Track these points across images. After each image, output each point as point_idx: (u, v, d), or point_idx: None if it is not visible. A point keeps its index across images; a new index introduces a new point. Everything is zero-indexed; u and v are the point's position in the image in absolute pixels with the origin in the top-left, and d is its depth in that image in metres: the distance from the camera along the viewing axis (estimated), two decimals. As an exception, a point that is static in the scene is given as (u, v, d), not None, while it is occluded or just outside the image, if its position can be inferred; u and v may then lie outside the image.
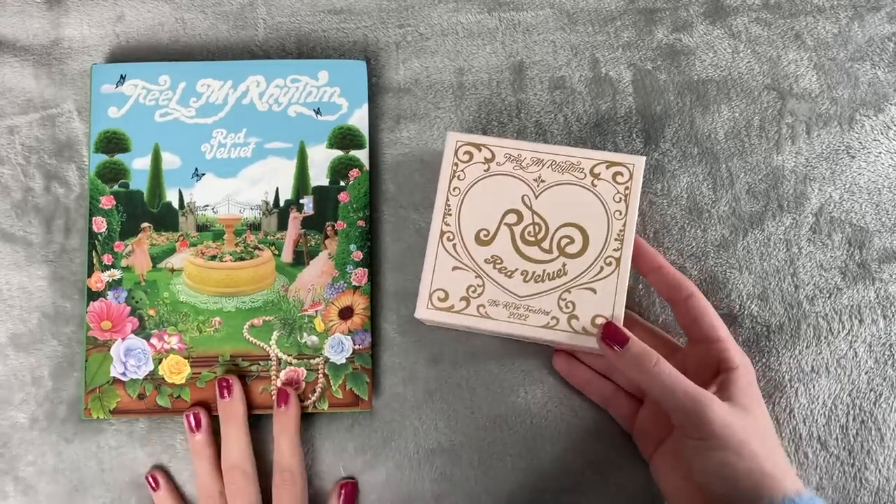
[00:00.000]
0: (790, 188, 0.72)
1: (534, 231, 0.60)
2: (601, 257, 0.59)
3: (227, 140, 0.71)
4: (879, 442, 0.67)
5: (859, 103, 0.74)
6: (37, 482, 0.67)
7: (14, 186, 0.72)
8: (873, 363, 0.68)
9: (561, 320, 0.58)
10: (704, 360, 0.62)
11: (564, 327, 0.58)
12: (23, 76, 0.75)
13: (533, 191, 0.61)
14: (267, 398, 0.67)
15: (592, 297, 0.59)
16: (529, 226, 0.60)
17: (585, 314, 0.58)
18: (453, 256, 0.60)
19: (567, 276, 0.59)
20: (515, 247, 0.60)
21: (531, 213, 0.61)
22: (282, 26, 0.76)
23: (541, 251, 0.60)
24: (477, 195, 0.62)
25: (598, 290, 0.59)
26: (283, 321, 0.68)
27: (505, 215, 0.61)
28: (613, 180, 0.61)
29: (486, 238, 0.61)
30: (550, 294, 0.59)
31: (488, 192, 0.62)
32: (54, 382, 0.69)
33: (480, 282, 0.60)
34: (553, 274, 0.59)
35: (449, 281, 0.60)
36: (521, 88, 0.74)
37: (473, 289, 0.60)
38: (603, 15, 0.76)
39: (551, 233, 0.60)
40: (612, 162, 0.61)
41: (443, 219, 0.61)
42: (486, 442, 0.68)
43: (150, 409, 0.67)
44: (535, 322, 0.59)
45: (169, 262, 0.69)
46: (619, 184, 0.61)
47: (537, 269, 0.60)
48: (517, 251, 0.60)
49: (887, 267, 0.70)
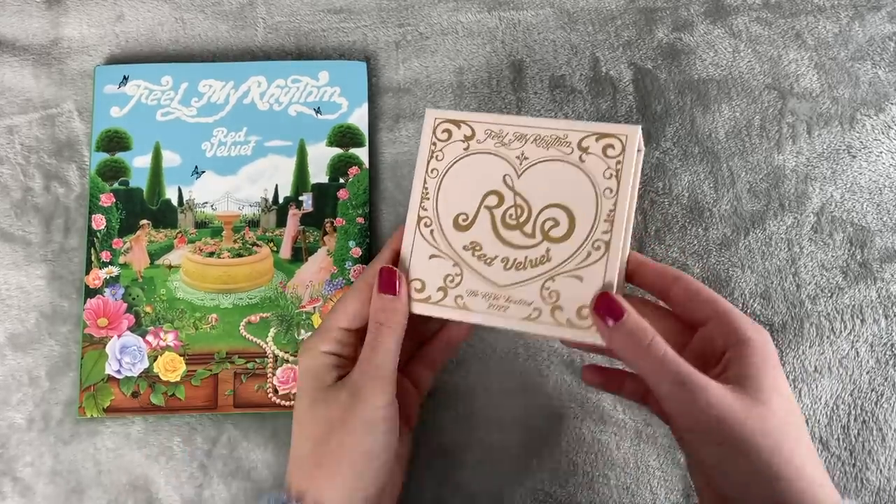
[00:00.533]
0: (791, 187, 0.72)
1: (516, 214, 0.54)
2: (588, 241, 0.53)
3: (228, 138, 0.72)
4: (881, 442, 0.66)
5: (860, 103, 0.74)
6: (35, 483, 0.67)
7: (13, 186, 0.72)
8: (875, 363, 0.68)
9: (543, 312, 0.52)
10: (715, 343, 0.54)
11: (546, 319, 0.52)
12: (22, 76, 0.75)
13: (515, 169, 0.55)
14: (263, 396, 0.67)
15: (578, 286, 0.52)
16: (511, 208, 0.54)
17: (570, 305, 0.52)
18: (430, 244, 0.55)
19: (551, 263, 0.53)
20: (496, 231, 0.55)
21: (513, 194, 0.55)
22: (281, 26, 0.76)
23: (523, 236, 0.54)
24: (456, 177, 0.56)
25: (584, 277, 0.52)
26: (280, 318, 0.68)
27: (485, 198, 0.55)
28: (604, 154, 0.54)
29: (465, 223, 0.55)
30: (532, 283, 0.53)
31: (468, 172, 0.56)
32: (51, 383, 0.68)
33: (458, 270, 0.54)
34: (536, 261, 0.53)
35: (426, 270, 0.55)
36: (521, 87, 0.74)
37: (451, 278, 0.54)
38: (603, 14, 0.76)
39: (534, 215, 0.54)
40: (602, 133, 0.54)
41: (420, 203, 0.56)
42: (485, 442, 0.67)
43: (143, 408, 0.66)
44: (516, 314, 0.53)
45: (167, 258, 0.69)
46: (610, 158, 0.53)
47: (519, 255, 0.54)
48: (497, 236, 0.54)
49: (889, 266, 0.70)
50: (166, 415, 0.67)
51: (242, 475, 0.67)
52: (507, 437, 0.67)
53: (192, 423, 0.68)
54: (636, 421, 0.67)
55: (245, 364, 0.67)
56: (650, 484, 0.66)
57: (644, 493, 0.66)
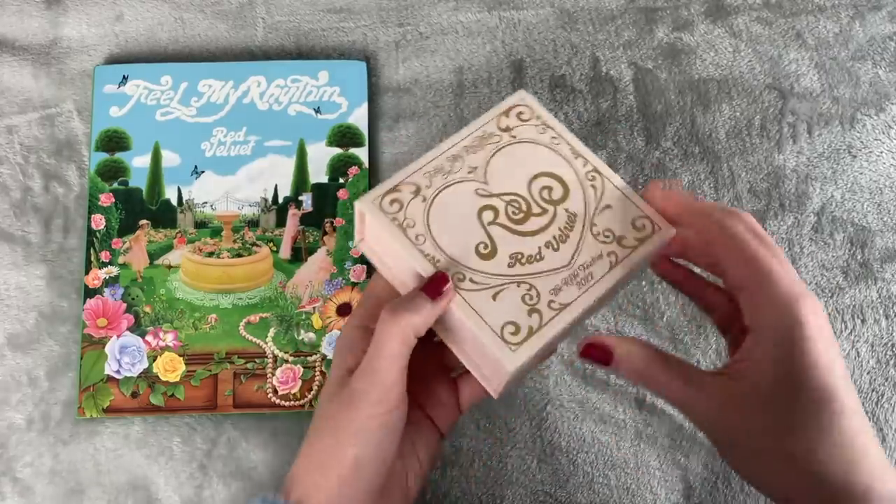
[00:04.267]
0: (792, 187, 0.72)
1: (516, 208, 0.54)
2: (583, 180, 0.55)
3: (227, 138, 0.72)
4: (881, 442, 0.66)
5: (860, 102, 0.74)
6: (34, 483, 0.67)
7: (13, 186, 0.72)
8: (875, 363, 0.68)
9: (616, 250, 0.53)
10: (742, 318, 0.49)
11: (624, 253, 0.53)
12: (22, 76, 0.75)
13: (477, 181, 0.55)
14: (263, 396, 0.67)
15: (612, 214, 0.54)
16: (507, 207, 0.54)
17: (625, 228, 0.53)
18: (481, 289, 0.52)
19: (578, 217, 0.54)
20: (516, 233, 0.53)
21: (496, 197, 0.54)
22: (281, 25, 0.76)
23: (537, 218, 0.54)
24: (440, 224, 0.53)
25: (611, 204, 0.54)
26: (279, 318, 0.68)
27: (480, 216, 0.54)
28: (522, 120, 0.56)
29: (487, 251, 0.53)
30: (584, 241, 0.53)
31: (445, 213, 0.54)
32: (51, 383, 0.68)
33: (527, 285, 0.52)
34: (567, 225, 0.53)
35: (501, 311, 0.51)
36: (521, 87, 0.74)
37: (528, 297, 0.51)
38: (603, 14, 0.76)
39: (528, 198, 0.54)
40: (505, 109, 0.56)
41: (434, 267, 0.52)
42: (485, 442, 0.67)
43: (142, 409, 0.66)
44: (601, 270, 0.52)
45: (166, 258, 0.69)
46: (528, 119, 0.56)
47: (551, 232, 0.53)
48: (522, 235, 0.53)
49: (889, 266, 0.70)
50: (166, 415, 0.67)
51: (242, 475, 0.66)
52: (507, 437, 0.67)
53: (192, 423, 0.68)
54: (636, 421, 0.67)
55: (245, 364, 0.67)
56: (650, 484, 0.66)
57: (644, 493, 0.66)
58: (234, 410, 0.67)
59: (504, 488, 0.66)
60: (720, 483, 0.66)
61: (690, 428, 0.66)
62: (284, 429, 0.67)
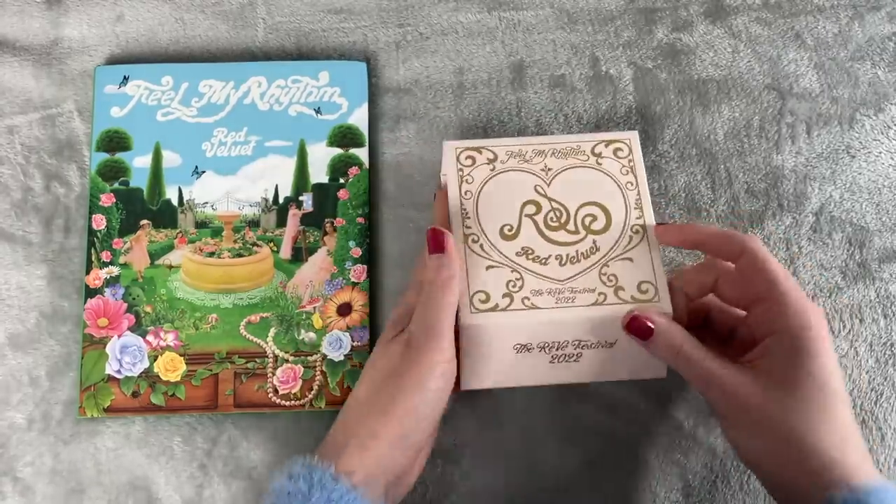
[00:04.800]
0: (790, 187, 0.72)
1: (556, 216, 0.60)
2: (627, 228, 0.60)
3: (228, 138, 0.72)
4: (880, 441, 0.66)
5: (859, 103, 0.74)
6: (35, 483, 0.67)
7: (14, 186, 0.72)
8: (874, 363, 0.68)
9: (608, 294, 0.58)
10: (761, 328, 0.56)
11: (613, 300, 0.57)
12: (22, 76, 0.75)
13: (543, 180, 0.62)
14: (264, 396, 0.67)
15: (631, 266, 0.58)
16: (550, 212, 0.60)
17: (629, 283, 0.58)
18: (483, 256, 0.59)
19: (601, 252, 0.59)
20: (542, 234, 0.60)
21: (548, 200, 0.61)
22: (281, 26, 0.76)
23: (567, 234, 0.60)
24: (490, 194, 0.61)
25: (634, 258, 0.59)
26: (280, 318, 0.68)
27: (523, 207, 0.61)
28: (615, 156, 0.62)
29: (511, 233, 0.60)
30: (590, 271, 0.58)
31: (500, 189, 0.62)
32: (51, 383, 0.68)
33: (518, 275, 0.59)
34: (586, 252, 0.59)
35: (486, 281, 0.58)
36: (521, 87, 0.74)
37: (513, 283, 0.58)
38: (603, 14, 0.76)
39: (573, 214, 0.60)
40: (608, 140, 0.63)
41: (463, 223, 0.60)
42: (485, 441, 0.67)
43: (143, 408, 0.66)
44: (584, 301, 0.57)
45: (167, 258, 0.69)
46: (622, 158, 0.62)
47: (569, 251, 0.59)
48: (545, 238, 0.60)
49: (888, 266, 0.70)
50: (166, 415, 0.67)
51: (242, 475, 0.67)
52: (507, 437, 0.67)
53: (193, 422, 0.68)
54: (636, 421, 0.67)
55: (245, 364, 0.67)
56: (650, 484, 0.66)
57: (644, 493, 0.66)
58: (235, 410, 0.67)
59: (504, 488, 0.66)
60: (719, 482, 0.66)
61: (690, 427, 0.67)
62: (285, 428, 0.67)
